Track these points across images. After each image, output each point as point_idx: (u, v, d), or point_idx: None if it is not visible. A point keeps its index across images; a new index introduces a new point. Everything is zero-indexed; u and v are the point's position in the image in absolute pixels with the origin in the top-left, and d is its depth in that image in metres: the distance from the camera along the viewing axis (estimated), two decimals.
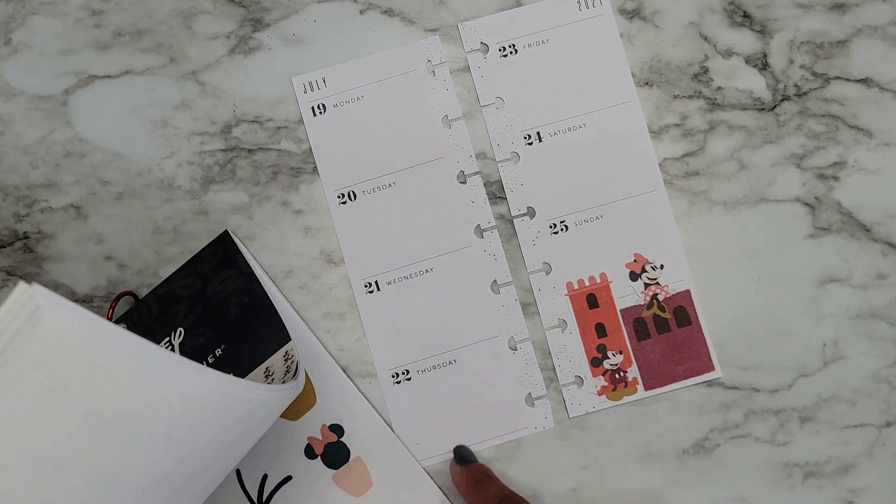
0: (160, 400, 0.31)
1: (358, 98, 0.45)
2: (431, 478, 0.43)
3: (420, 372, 0.44)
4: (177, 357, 0.31)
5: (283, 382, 0.40)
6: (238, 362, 0.43)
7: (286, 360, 0.42)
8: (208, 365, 0.42)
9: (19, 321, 0.26)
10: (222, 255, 0.44)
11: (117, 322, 0.43)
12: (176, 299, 0.43)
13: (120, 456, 0.31)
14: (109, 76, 0.45)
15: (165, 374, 0.31)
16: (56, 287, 0.44)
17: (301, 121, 0.45)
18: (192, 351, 0.43)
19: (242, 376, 0.42)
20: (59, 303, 0.27)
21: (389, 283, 0.44)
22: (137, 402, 0.30)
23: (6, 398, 0.28)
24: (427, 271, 0.44)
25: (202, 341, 0.43)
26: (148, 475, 0.32)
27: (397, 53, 0.45)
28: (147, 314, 0.43)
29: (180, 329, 0.43)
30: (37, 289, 0.26)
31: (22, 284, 0.26)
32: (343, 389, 0.44)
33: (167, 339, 0.43)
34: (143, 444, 0.31)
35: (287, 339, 0.42)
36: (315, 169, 0.45)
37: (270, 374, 0.42)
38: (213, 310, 0.43)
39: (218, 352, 0.43)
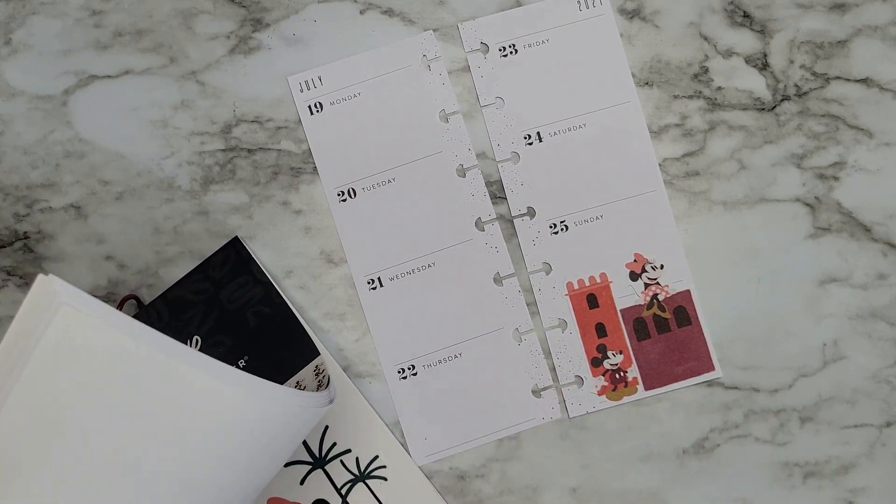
0: (189, 398, 0.31)
1: (355, 95, 0.45)
2: (437, 491, 0.43)
3: (426, 367, 0.44)
4: (211, 359, 0.31)
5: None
6: (265, 375, 0.42)
7: (317, 375, 0.42)
8: None
9: (39, 311, 0.27)
10: (234, 261, 0.43)
11: None
12: (188, 305, 0.43)
13: (140, 450, 0.31)
14: (109, 76, 0.45)
15: (196, 372, 0.30)
16: None
17: (301, 121, 0.45)
18: None
19: None
20: (79, 295, 0.27)
21: (392, 278, 0.44)
22: (161, 399, 0.30)
23: (34, 385, 0.28)
24: (429, 266, 0.44)
25: (222, 351, 0.42)
26: (168, 479, 0.32)
27: (392, 50, 0.45)
28: (157, 319, 0.43)
29: (196, 337, 0.43)
30: (53, 279, 0.27)
31: (41, 276, 0.27)
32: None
33: None
34: (166, 443, 0.31)
35: (315, 353, 0.42)
36: (315, 169, 0.45)
37: (302, 387, 0.42)
38: (230, 317, 0.43)
39: (241, 363, 0.42)
